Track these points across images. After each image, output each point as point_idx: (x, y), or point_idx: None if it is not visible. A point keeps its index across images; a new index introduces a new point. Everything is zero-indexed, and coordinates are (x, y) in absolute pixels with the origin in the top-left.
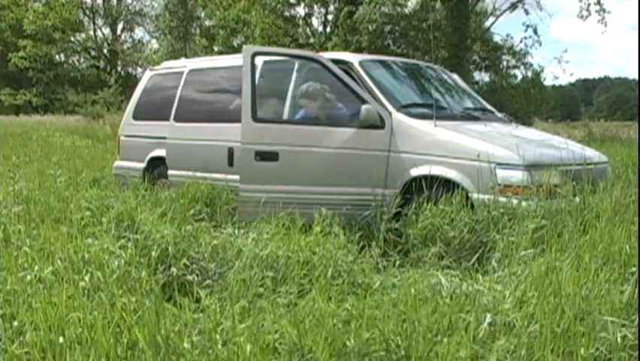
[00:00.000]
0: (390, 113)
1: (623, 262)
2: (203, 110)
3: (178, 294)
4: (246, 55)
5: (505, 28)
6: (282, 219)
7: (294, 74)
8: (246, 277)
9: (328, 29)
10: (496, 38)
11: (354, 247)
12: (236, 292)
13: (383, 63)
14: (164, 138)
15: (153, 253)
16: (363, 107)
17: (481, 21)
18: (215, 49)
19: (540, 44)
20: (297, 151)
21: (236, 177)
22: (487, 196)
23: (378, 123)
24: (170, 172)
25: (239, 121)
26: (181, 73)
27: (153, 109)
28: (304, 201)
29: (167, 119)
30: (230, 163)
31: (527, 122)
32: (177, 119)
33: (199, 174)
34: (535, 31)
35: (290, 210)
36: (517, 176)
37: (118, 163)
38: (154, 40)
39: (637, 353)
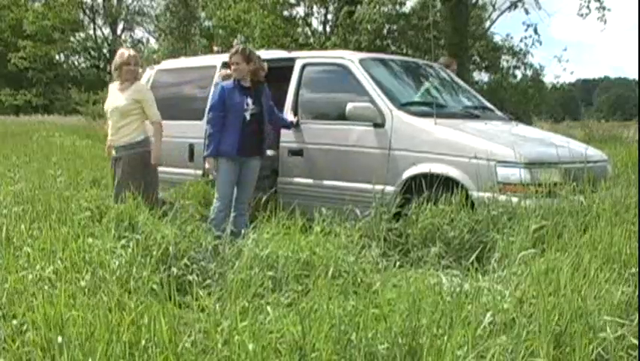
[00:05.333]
0: (390, 112)
1: (623, 262)
2: (167, 109)
3: (178, 294)
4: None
5: (504, 27)
6: (281, 218)
7: (295, 75)
8: (245, 277)
9: (328, 29)
10: (496, 38)
11: (355, 247)
12: (236, 292)
13: (383, 62)
14: None
15: (154, 253)
16: (349, 105)
17: (481, 21)
18: (215, 49)
19: (540, 43)
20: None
21: (197, 171)
22: (487, 194)
23: (378, 121)
24: None
25: (199, 119)
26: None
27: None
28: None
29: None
30: (191, 158)
31: (527, 122)
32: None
33: (164, 169)
34: (535, 31)
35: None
36: (518, 174)
37: None
38: (153, 40)
39: (636, 352)
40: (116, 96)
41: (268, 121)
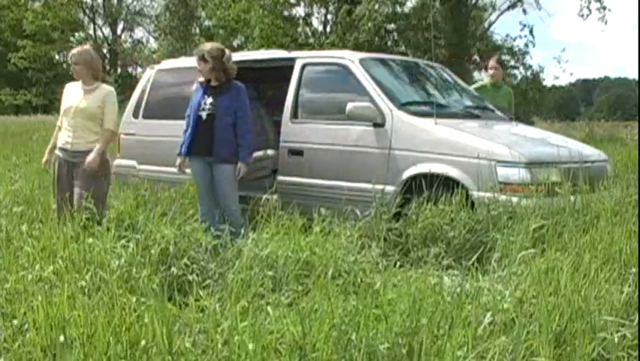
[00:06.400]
0: (390, 111)
1: (623, 262)
2: (168, 108)
3: (178, 294)
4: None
5: (505, 27)
6: (281, 218)
7: (295, 75)
8: (245, 277)
9: (328, 29)
10: (496, 38)
11: (355, 247)
12: (236, 292)
13: (383, 61)
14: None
15: (154, 253)
16: (349, 104)
17: (481, 21)
18: None
19: (534, 45)
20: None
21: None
22: (487, 194)
23: (378, 120)
24: (139, 167)
25: None
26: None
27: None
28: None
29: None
30: None
31: (527, 122)
32: (145, 116)
33: (164, 168)
34: (530, 32)
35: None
36: (518, 173)
37: (118, 161)
38: (152, 40)
39: (636, 352)
40: (79, 97)
41: (231, 125)
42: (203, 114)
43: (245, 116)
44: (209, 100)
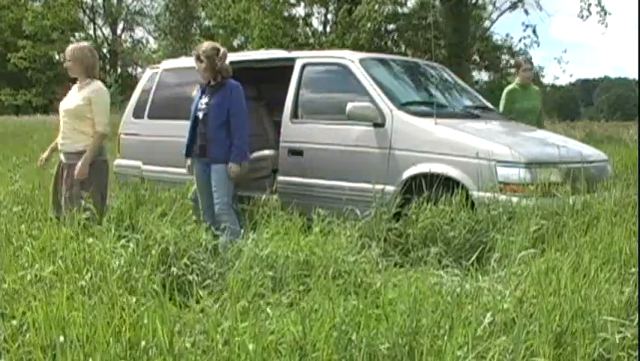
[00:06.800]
0: (390, 111)
1: (623, 262)
2: (173, 108)
3: (178, 294)
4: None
5: (504, 27)
6: (281, 218)
7: (295, 75)
8: (245, 277)
9: (328, 29)
10: (496, 37)
11: (355, 247)
12: (236, 292)
13: (383, 62)
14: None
15: (154, 253)
16: (349, 104)
17: (480, 20)
18: None
19: (538, 45)
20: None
21: None
22: (487, 194)
23: (378, 120)
24: (144, 167)
25: None
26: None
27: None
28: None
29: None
30: None
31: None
32: (150, 116)
33: (173, 169)
34: (534, 32)
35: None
36: (518, 174)
37: (118, 161)
38: (152, 40)
39: (636, 352)
40: (71, 96)
41: (224, 124)
42: (200, 114)
43: (237, 115)
44: (205, 100)
